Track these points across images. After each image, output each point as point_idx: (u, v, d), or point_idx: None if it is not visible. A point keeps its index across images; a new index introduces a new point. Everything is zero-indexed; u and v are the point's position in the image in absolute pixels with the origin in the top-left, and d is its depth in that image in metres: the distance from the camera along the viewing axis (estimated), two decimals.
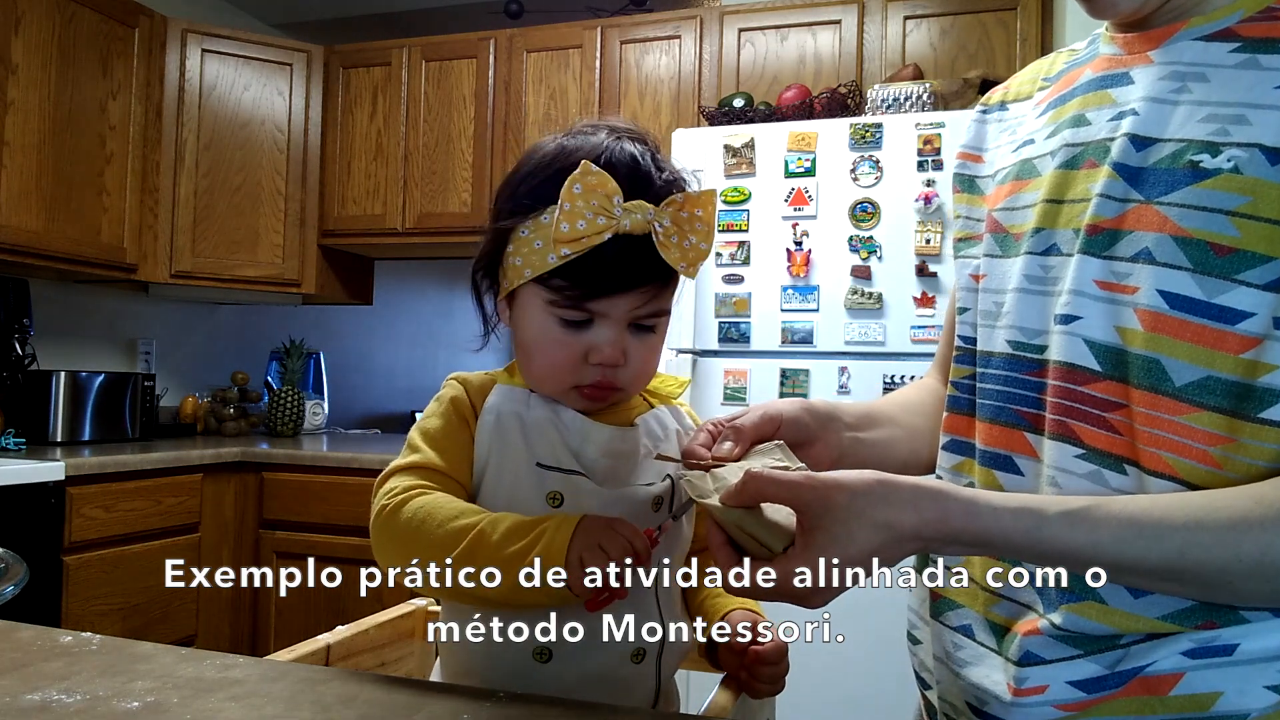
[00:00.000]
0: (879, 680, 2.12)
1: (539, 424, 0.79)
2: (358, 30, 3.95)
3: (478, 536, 0.69)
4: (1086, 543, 0.58)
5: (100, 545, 2.47)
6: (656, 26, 3.03)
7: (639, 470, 0.81)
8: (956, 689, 0.73)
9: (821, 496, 0.59)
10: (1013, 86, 0.86)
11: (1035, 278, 0.71)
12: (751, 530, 0.63)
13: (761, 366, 2.35)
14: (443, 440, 0.79)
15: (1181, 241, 0.61)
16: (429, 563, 0.71)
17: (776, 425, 0.75)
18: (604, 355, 0.76)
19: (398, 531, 0.73)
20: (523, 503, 0.76)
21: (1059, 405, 0.67)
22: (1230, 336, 0.59)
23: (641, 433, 0.83)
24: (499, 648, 0.75)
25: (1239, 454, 0.60)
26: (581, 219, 0.72)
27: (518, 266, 0.78)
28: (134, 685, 0.64)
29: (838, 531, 0.59)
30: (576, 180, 0.72)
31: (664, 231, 0.74)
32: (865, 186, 2.31)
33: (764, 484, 0.62)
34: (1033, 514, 0.59)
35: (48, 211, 2.65)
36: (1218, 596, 0.59)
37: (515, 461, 0.78)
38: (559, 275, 0.75)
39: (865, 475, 0.60)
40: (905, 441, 0.86)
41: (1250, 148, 0.60)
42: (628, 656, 0.78)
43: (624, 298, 0.76)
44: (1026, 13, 2.64)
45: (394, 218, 3.27)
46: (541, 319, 0.78)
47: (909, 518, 0.59)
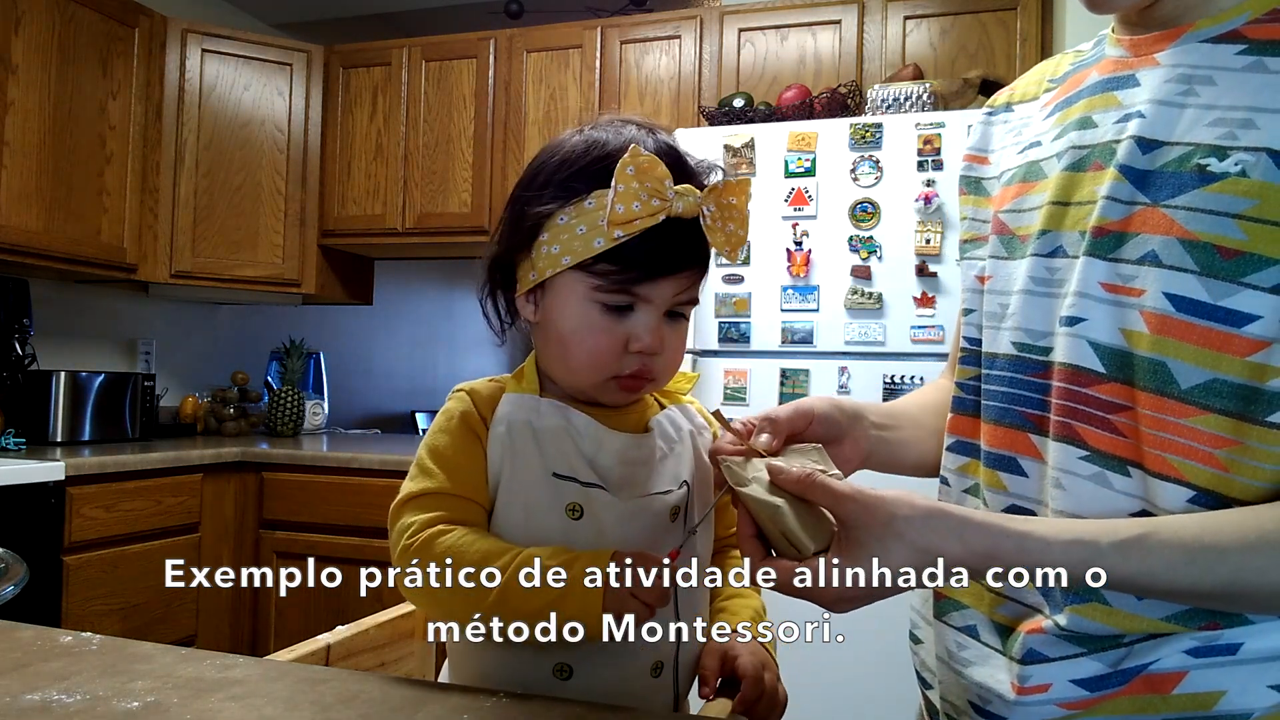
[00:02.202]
0: (880, 679, 2.12)
1: (552, 432, 0.78)
2: (358, 30, 3.95)
3: (504, 591, 0.69)
4: (1140, 572, 0.58)
5: (100, 545, 2.47)
6: (656, 26, 3.03)
7: (655, 477, 0.80)
8: (959, 689, 0.73)
9: (864, 511, 0.60)
10: (1019, 88, 0.86)
11: (1041, 279, 0.71)
12: (788, 527, 0.63)
13: (761, 366, 2.35)
14: (454, 459, 0.78)
15: (1188, 244, 0.61)
16: (459, 614, 0.71)
17: (809, 420, 0.76)
18: (644, 343, 0.76)
19: (424, 578, 0.72)
20: (540, 514, 0.75)
21: (1063, 407, 0.67)
22: (1237, 339, 0.59)
23: (656, 436, 0.82)
24: (519, 665, 0.75)
25: (1245, 457, 0.59)
26: (636, 200, 0.72)
27: (554, 255, 0.77)
28: (134, 685, 0.64)
29: (874, 549, 0.59)
30: (629, 163, 0.72)
31: (710, 215, 0.76)
32: (865, 186, 2.31)
33: (817, 488, 0.62)
34: (1086, 546, 0.59)
35: (48, 211, 2.65)
36: (1275, 612, 0.60)
37: (530, 472, 0.77)
38: (606, 259, 0.75)
39: (914, 500, 0.61)
40: (923, 443, 0.87)
41: (1258, 151, 0.60)
42: (647, 670, 0.78)
43: (670, 281, 0.76)
44: (1026, 13, 2.64)
45: (394, 218, 3.27)
46: (582, 307, 0.77)
47: (954, 549, 0.59)
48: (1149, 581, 0.58)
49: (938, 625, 0.77)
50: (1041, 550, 0.59)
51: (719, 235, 0.76)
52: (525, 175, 0.82)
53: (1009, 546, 0.59)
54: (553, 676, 0.75)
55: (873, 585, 0.60)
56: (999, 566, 0.60)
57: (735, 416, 0.76)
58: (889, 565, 0.59)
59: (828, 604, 0.61)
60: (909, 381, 2.23)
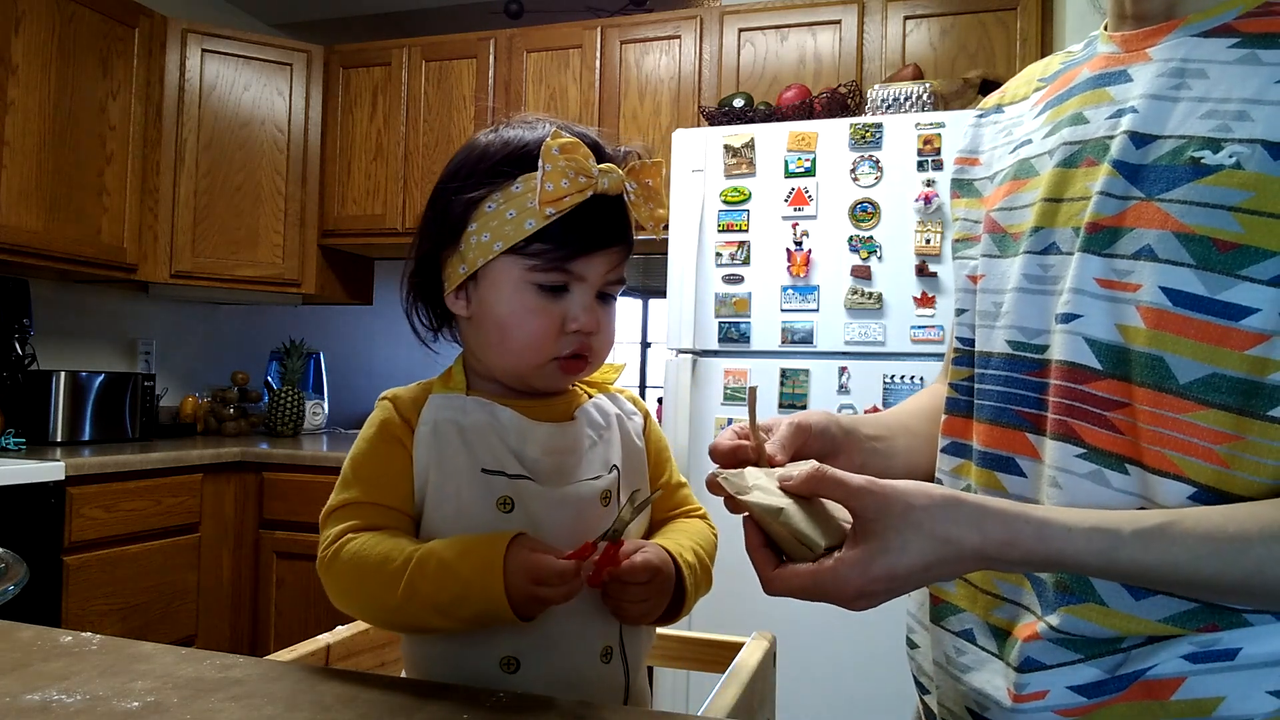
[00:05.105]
0: (876, 683, 2.11)
1: (478, 429, 0.79)
2: (358, 30, 3.95)
3: (409, 587, 0.71)
4: (1162, 562, 0.57)
5: (100, 545, 2.47)
6: (656, 26, 3.03)
7: (583, 464, 0.81)
8: (956, 694, 0.73)
9: (881, 503, 0.59)
10: (1009, 90, 0.86)
11: (1034, 277, 0.70)
12: (795, 526, 0.62)
13: (761, 366, 2.35)
14: (372, 469, 0.79)
15: (1184, 238, 0.61)
16: (377, 614, 0.75)
17: (806, 435, 0.75)
18: (581, 322, 0.78)
19: (338, 582, 0.75)
20: (472, 511, 0.76)
21: (1060, 405, 0.66)
22: (1235, 333, 0.59)
23: (582, 424, 0.83)
24: (465, 659, 0.76)
25: (1246, 452, 0.59)
26: (564, 178, 0.75)
27: (484, 243, 0.78)
28: (134, 685, 0.64)
29: (891, 540, 0.58)
30: (554, 144, 0.75)
31: (633, 193, 0.80)
32: (865, 186, 2.31)
33: (829, 481, 0.61)
34: (1107, 535, 0.58)
35: (48, 211, 2.65)
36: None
37: (458, 470, 0.77)
38: (539, 239, 0.76)
39: (930, 490, 0.60)
40: (916, 451, 0.87)
41: (1252, 143, 0.60)
42: (596, 656, 0.78)
43: (601, 257, 0.78)
44: (1026, 13, 2.64)
45: (394, 218, 3.27)
46: (517, 291, 0.78)
47: (972, 537, 0.58)
48: (1170, 572, 0.57)
49: (935, 630, 0.76)
50: (1062, 538, 0.58)
51: (643, 210, 0.80)
52: (445, 173, 0.83)
53: (1029, 534, 0.58)
54: (500, 670, 0.75)
55: (894, 578, 0.58)
56: (1018, 554, 0.59)
57: (735, 417, 0.76)
58: (908, 556, 0.58)
59: (848, 601, 0.60)
60: (909, 381, 2.23)
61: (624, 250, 0.80)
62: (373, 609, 0.75)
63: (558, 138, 0.75)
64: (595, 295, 0.79)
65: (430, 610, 0.71)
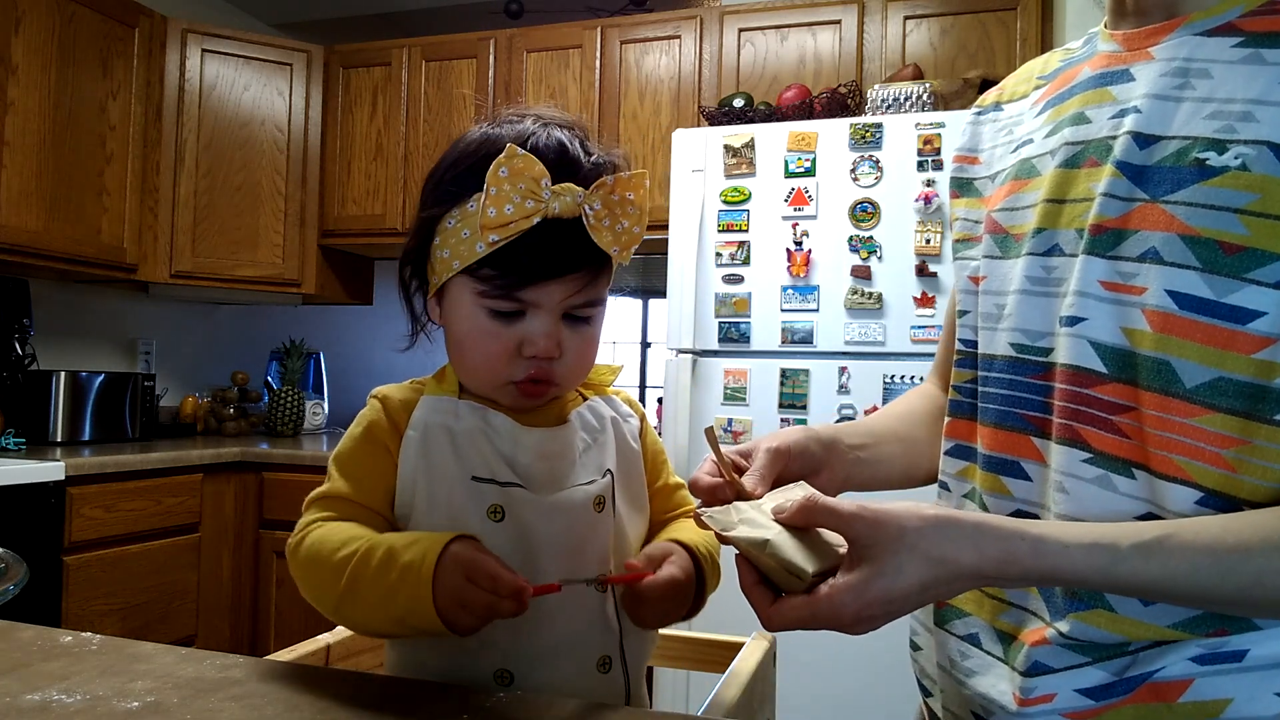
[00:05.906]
0: (879, 685, 2.11)
1: (469, 435, 0.76)
2: (358, 30, 3.95)
3: (352, 579, 0.68)
4: (1162, 575, 0.57)
5: (100, 545, 2.47)
6: (656, 26, 3.03)
7: (577, 469, 0.78)
8: (960, 698, 0.72)
9: (873, 528, 0.59)
10: (1007, 87, 0.85)
11: (1037, 279, 0.70)
12: (782, 556, 0.61)
13: (761, 366, 2.35)
14: (354, 467, 0.77)
15: (1189, 240, 0.60)
16: (324, 603, 0.71)
17: (785, 460, 0.74)
18: (538, 348, 0.74)
19: (298, 570, 0.73)
20: (462, 520, 0.73)
21: (1065, 409, 0.66)
22: (1242, 336, 0.58)
23: (575, 427, 0.80)
24: (456, 671, 0.73)
25: (1253, 456, 0.59)
26: (509, 203, 0.70)
27: (445, 259, 0.75)
28: (134, 685, 0.64)
29: (886, 563, 0.58)
30: (502, 164, 0.70)
31: (595, 214, 0.73)
32: (865, 186, 2.31)
33: (820, 511, 0.61)
34: (1105, 550, 0.57)
35: (48, 211, 2.65)
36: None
37: (448, 478, 0.75)
38: (488, 264, 0.73)
39: (923, 511, 0.60)
40: (905, 456, 0.86)
41: (1258, 145, 0.59)
42: (593, 667, 0.76)
43: (556, 285, 0.73)
44: (1026, 13, 2.64)
45: (394, 218, 3.27)
46: (472, 312, 0.75)
47: (969, 556, 0.58)
48: (1170, 585, 0.57)
49: (939, 633, 0.76)
50: (1059, 554, 0.58)
51: (605, 235, 0.73)
52: (430, 173, 0.80)
53: (1025, 551, 0.58)
54: (494, 683, 0.73)
55: (890, 600, 0.58)
56: (1015, 572, 0.58)
57: (735, 418, 0.75)
58: (904, 578, 0.58)
59: (847, 627, 0.60)
60: (909, 381, 2.23)
61: (587, 275, 0.75)
62: (323, 598, 0.71)
63: (511, 156, 0.70)
64: (561, 317, 0.75)
65: (367, 606, 0.68)
